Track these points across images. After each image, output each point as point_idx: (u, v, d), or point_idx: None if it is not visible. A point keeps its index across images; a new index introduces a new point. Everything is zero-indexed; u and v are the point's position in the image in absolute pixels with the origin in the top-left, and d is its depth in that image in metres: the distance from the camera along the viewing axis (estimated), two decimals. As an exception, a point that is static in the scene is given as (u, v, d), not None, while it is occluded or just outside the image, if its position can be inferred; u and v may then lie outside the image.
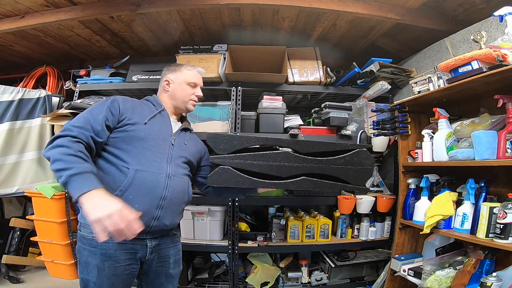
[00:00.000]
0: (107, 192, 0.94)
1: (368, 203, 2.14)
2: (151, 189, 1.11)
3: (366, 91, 2.24)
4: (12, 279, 2.20)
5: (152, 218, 1.11)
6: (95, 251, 1.07)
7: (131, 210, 0.93)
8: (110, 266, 1.07)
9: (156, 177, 1.12)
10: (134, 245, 1.11)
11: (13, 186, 2.30)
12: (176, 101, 1.31)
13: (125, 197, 1.05)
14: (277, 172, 1.25)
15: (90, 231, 1.06)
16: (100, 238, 0.89)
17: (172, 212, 1.18)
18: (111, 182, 1.07)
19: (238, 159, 1.23)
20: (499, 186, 1.46)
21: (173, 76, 1.32)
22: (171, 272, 1.25)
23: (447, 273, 1.47)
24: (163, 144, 1.18)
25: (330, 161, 1.29)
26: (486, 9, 1.68)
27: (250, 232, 2.16)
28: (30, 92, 2.39)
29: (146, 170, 1.10)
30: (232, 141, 1.24)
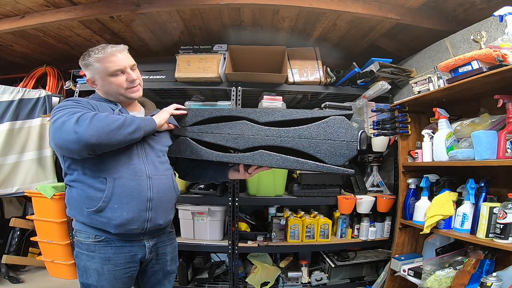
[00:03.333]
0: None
1: (368, 203, 2.14)
2: (135, 194, 1.07)
3: (366, 91, 2.24)
4: (12, 279, 2.20)
5: (144, 221, 1.09)
6: (93, 255, 1.07)
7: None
8: (110, 270, 1.07)
9: (136, 181, 1.08)
10: (132, 247, 1.11)
11: (13, 186, 2.30)
12: (114, 96, 1.16)
13: (111, 207, 1.04)
14: (233, 143, 1.15)
15: (87, 235, 1.08)
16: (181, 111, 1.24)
17: (163, 211, 1.16)
18: (93, 195, 1.05)
19: (197, 131, 1.24)
20: (499, 186, 1.46)
21: (90, 73, 1.14)
22: (168, 269, 1.25)
23: (447, 273, 1.47)
24: (134, 144, 1.11)
25: (295, 131, 1.05)
26: (486, 9, 1.68)
27: (250, 232, 2.16)
28: (30, 92, 2.39)
29: (125, 176, 1.07)
30: (194, 114, 1.26)
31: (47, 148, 2.45)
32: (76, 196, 1.08)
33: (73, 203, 1.11)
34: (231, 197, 2.10)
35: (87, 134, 0.93)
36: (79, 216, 1.09)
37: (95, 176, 1.05)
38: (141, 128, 1.07)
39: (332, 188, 2.17)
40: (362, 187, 2.28)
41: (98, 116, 0.98)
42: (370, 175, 2.44)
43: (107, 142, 0.97)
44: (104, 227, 1.06)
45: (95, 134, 0.94)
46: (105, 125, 0.96)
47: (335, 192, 2.17)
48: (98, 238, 1.07)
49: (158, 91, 2.36)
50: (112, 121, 0.99)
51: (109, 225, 1.05)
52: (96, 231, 1.08)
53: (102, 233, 1.08)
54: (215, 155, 1.20)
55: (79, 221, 1.10)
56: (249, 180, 2.15)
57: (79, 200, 1.07)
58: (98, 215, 1.05)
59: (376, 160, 2.40)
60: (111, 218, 1.04)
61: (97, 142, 0.94)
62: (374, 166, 2.43)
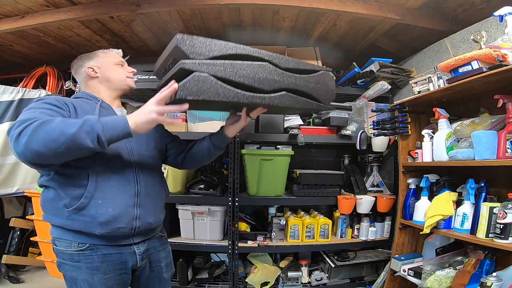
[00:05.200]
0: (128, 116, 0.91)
1: (368, 203, 2.14)
2: (121, 187, 1.00)
3: (366, 91, 2.24)
4: (12, 279, 2.20)
5: (132, 219, 1.02)
6: (79, 265, 0.99)
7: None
8: (100, 279, 1.00)
9: (123, 174, 1.01)
10: (121, 254, 1.04)
11: (13, 186, 2.30)
12: (113, 83, 1.16)
13: (94, 203, 0.96)
14: (259, 84, 1.08)
15: (68, 244, 0.99)
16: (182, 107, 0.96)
17: (152, 208, 1.10)
18: (73, 191, 0.96)
19: (219, 66, 0.99)
20: (499, 186, 1.46)
21: (94, 62, 1.16)
22: (164, 276, 1.20)
23: (447, 273, 1.47)
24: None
25: (304, 78, 1.22)
26: (486, 9, 1.68)
27: (250, 232, 2.16)
28: (30, 92, 2.39)
29: (109, 169, 0.99)
30: (210, 45, 1.01)
31: (47, 148, 2.45)
32: (53, 196, 0.98)
33: (49, 205, 1.00)
34: (231, 197, 2.10)
35: (22, 151, 0.82)
36: (57, 219, 0.99)
37: (75, 171, 0.96)
38: (101, 137, 0.84)
39: (332, 188, 2.17)
40: (362, 187, 2.28)
41: (39, 127, 0.82)
42: (370, 175, 2.45)
43: (47, 157, 0.83)
44: (87, 229, 0.96)
45: (31, 150, 0.81)
46: (42, 138, 0.81)
47: (335, 192, 2.17)
48: (81, 246, 0.98)
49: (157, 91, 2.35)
50: (51, 133, 0.81)
51: (94, 224, 0.96)
52: (78, 236, 0.98)
53: (85, 238, 0.98)
54: (247, 96, 1.05)
55: (57, 226, 1.00)
56: (249, 180, 2.15)
57: (57, 200, 0.97)
58: (80, 214, 0.95)
59: (376, 160, 2.40)
60: (95, 216, 0.95)
61: (36, 159, 0.83)
62: (374, 166, 2.44)
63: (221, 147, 1.28)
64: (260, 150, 2.11)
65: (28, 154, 0.81)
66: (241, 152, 2.11)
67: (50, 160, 0.86)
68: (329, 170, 2.30)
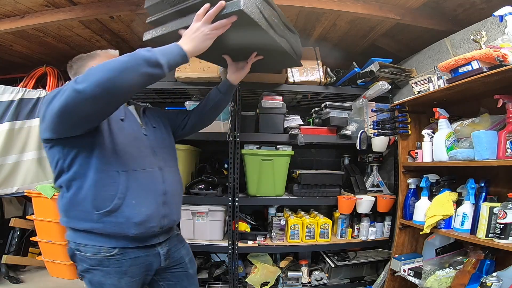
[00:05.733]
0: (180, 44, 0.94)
1: (368, 203, 2.14)
2: (151, 187, 1.02)
3: (366, 91, 2.24)
4: (12, 279, 2.20)
5: (162, 217, 1.04)
6: (108, 270, 0.97)
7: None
8: (127, 282, 1.00)
9: (150, 173, 1.04)
10: (147, 257, 1.05)
11: (13, 186, 2.30)
12: None
13: (127, 203, 0.96)
14: (274, 26, 1.22)
15: (97, 250, 0.96)
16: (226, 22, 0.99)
17: (176, 206, 1.14)
18: (104, 192, 0.95)
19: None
20: (499, 186, 1.46)
21: (96, 62, 1.10)
22: (190, 272, 1.22)
23: (447, 273, 1.47)
24: (140, 137, 1.09)
25: (291, 35, 1.40)
26: (486, 9, 1.68)
27: (250, 232, 2.16)
28: (30, 92, 2.39)
29: (138, 169, 1.00)
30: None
31: (47, 148, 2.45)
32: (80, 198, 0.95)
33: (74, 208, 0.96)
34: (231, 197, 2.10)
35: (89, 86, 0.78)
36: (83, 224, 0.96)
37: (105, 170, 0.95)
38: (158, 61, 0.86)
39: (332, 188, 2.17)
40: (362, 187, 2.28)
41: (98, 65, 0.83)
42: (370, 175, 2.45)
43: (117, 90, 0.82)
44: (121, 230, 0.96)
45: (98, 84, 0.78)
46: (108, 69, 0.81)
47: (335, 192, 2.17)
48: (111, 251, 0.97)
49: (158, 91, 2.36)
50: (116, 64, 0.82)
51: (128, 225, 0.96)
52: (107, 240, 0.97)
53: (115, 241, 0.97)
54: (274, 29, 1.20)
55: (82, 231, 0.97)
56: (249, 180, 2.15)
57: (85, 202, 0.94)
58: (113, 215, 0.94)
59: (376, 160, 2.40)
60: (130, 217, 0.96)
61: (104, 92, 0.80)
62: (374, 166, 2.44)
63: (228, 94, 1.37)
64: (260, 150, 2.12)
65: (88, 88, 0.78)
66: (241, 152, 2.11)
67: (110, 97, 0.83)
68: (329, 170, 2.30)
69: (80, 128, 0.90)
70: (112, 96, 0.83)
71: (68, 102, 0.80)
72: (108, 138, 0.98)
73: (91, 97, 0.79)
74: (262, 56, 1.38)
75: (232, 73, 1.35)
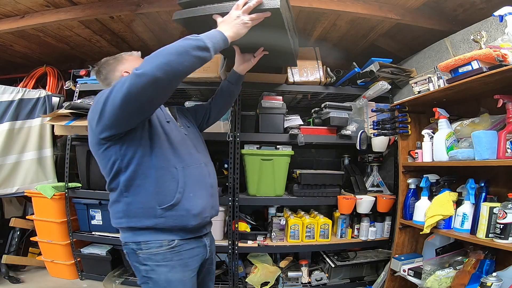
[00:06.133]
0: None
1: (368, 203, 2.14)
2: (202, 180, 1.10)
3: (366, 91, 2.24)
4: (12, 279, 2.20)
5: (211, 208, 1.12)
6: (173, 264, 1.00)
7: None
8: (189, 276, 1.03)
9: (200, 168, 1.12)
10: (199, 248, 1.10)
11: (13, 186, 2.30)
12: None
13: (186, 197, 1.03)
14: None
15: (159, 244, 1.00)
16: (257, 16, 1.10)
17: (217, 197, 1.20)
18: (166, 188, 1.00)
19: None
20: (499, 186, 1.46)
21: (126, 66, 1.17)
22: (213, 268, 1.25)
23: (447, 273, 1.47)
24: (184, 136, 1.16)
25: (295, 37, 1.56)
26: (486, 9, 1.68)
27: (250, 232, 2.16)
28: (30, 92, 2.40)
29: (190, 165, 1.08)
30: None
31: (47, 148, 2.45)
32: (142, 196, 1.00)
33: (137, 206, 1.00)
34: (231, 197, 2.10)
35: (151, 69, 0.86)
36: (146, 221, 1.00)
37: (164, 167, 1.01)
38: (206, 45, 0.95)
39: (332, 188, 2.17)
40: (362, 187, 2.28)
41: (155, 52, 0.91)
42: (370, 175, 2.44)
43: (175, 72, 0.90)
44: (181, 223, 1.01)
45: (158, 67, 0.86)
46: (165, 54, 0.89)
47: (335, 192, 2.17)
48: (171, 243, 1.01)
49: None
50: (172, 49, 0.91)
51: (188, 217, 1.02)
52: (166, 234, 1.01)
53: (173, 234, 1.02)
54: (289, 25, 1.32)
55: (145, 229, 1.00)
56: (249, 180, 2.15)
57: (148, 199, 0.99)
58: (175, 209, 1.00)
59: (376, 160, 2.40)
60: (189, 209, 1.02)
61: (164, 74, 0.87)
62: (374, 166, 2.44)
63: (238, 84, 1.50)
64: (260, 150, 2.12)
65: (150, 71, 0.85)
66: (241, 152, 2.11)
67: (169, 79, 0.90)
68: (329, 170, 2.30)
69: (140, 116, 0.96)
70: (170, 79, 0.90)
71: (131, 89, 0.86)
72: (164, 138, 1.06)
73: (152, 78, 0.85)
74: (268, 52, 1.48)
75: (239, 65, 1.46)
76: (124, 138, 0.99)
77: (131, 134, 0.99)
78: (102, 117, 0.92)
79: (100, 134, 0.97)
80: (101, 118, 0.93)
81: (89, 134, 1.03)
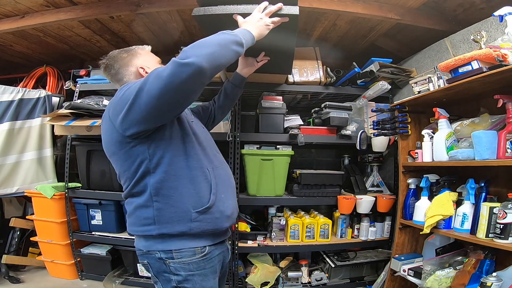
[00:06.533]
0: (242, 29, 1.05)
1: (368, 203, 2.14)
2: (228, 181, 1.09)
3: (366, 91, 2.24)
4: (12, 279, 2.20)
5: (236, 209, 1.10)
6: (205, 272, 0.96)
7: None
8: (216, 282, 1.01)
9: (224, 169, 1.10)
10: (223, 252, 1.08)
11: (13, 186, 2.30)
12: None
13: (219, 198, 0.99)
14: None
15: (192, 252, 0.94)
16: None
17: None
18: (201, 190, 0.96)
19: None
20: (499, 186, 1.46)
21: (141, 61, 1.11)
22: (227, 270, 1.23)
23: (447, 273, 1.47)
24: (206, 136, 1.14)
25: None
26: (486, 9, 1.68)
27: (250, 232, 2.16)
28: (30, 92, 2.40)
29: (217, 166, 1.06)
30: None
31: (47, 148, 2.45)
32: (176, 200, 0.93)
33: (169, 211, 0.93)
34: (231, 197, 2.09)
35: (197, 58, 0.82)
36: (179, 226, 0.93)
37: (197, 168, 0.97)
38: (241, 41, 0.96)
39: (332, 188, 2.17)
40: (362, 187, 2.28)
41: (200, 41, 0.89)
42: (370, 175, 2.44)
43: (217, 64, 0.89)
44: (215, 226, 0.97)
45: (205, 57, 0.83)
46: (211, 44, 0.88)
47: (335, 192, 2.17)
48: (203, 251, 0.96)
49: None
50: (216, 40, 0.91)
51: (222, 219, 0.99)
52: (198, 241, 0.95)
53: (203, 241, 0.97)
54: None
55: (177, 235, 0.93)
56: (249, 180, 2.15)
57: (181, 203, 0.93)
58: (209, 212, 0.96)
59: (376, 160, 2.40)
60: (223, 211, 0.99)
61: (209, 65, 0.84)
62: (374, 166, 2.43)
63: (241, 86, 1.47)
64: (260, 150, 2.12)
65: (197, 61, 0.82)
66: (241, 152, 2.11)
67: (212, 70, 0.88)
68: (329, 170, 2.30)
69: (176, 110, 0.92)
70: (212, 71, 0.88)
71: (174, 79, 0.81)
72: (193, 137, 1.02)
73: (198, 68, 0.82)
74: (270, 57, 1.50)
75: (242, 68, 1.47)
76: (153, 136, 0.92)
77: (160, 132, 0.93)
78: (132, 111, 0.86)
79: (126, 131, 0.89)
80: (130, 112, 0.86)
81: (106, 132, 0.96)
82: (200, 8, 1.28)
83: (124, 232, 2.28)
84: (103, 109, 2.06)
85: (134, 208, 0.97)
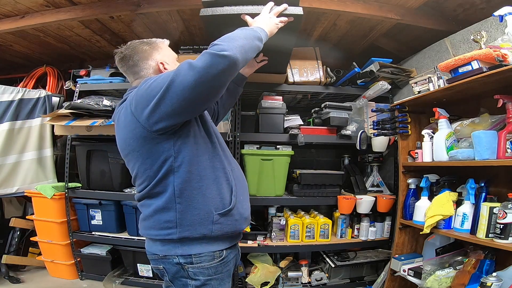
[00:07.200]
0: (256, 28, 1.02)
1: (368, 203, 2.14)
2: (244, 182, 1.07)
3: (366, 91, 2.24)
4: (12, 279, 2.20)
5: (250, 211, 1.08)
6: (222, 276, 0.95)
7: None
8: (230, 286, 1.00)
9: (240, 171, 1.08)
10: (237, 254, 1.07)
11: (13, 186, 2.30)
12: None
13: (239, 200, 0.98)
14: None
15: (211, 256, 0.92)
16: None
17: None
18: (223, 191, 0.94)
19: None
20: (499, 186, 1.46)
21: (161, 56, 1.07)
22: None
23: (447, 273, 1.47)
24: (221, 137, 1.11)
25: None
26: (486, 9, 1.68)
27: (250, 232, 2.16)
28: (30, 92, 2.40)
29: (234, 167, 1.04)
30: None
31: (47, 148, 2.45)
32: (199, 201, 0.90)
33: (192, 213, 0.89)
34: (231, 197, 2.09)
35: (232, 51, 0.82)
36: (202, 228, 0.90)
37: (219, 168, 0.95)
38: (261, 36, 1.00)
39: (332, 188, 2.17)
40: (362, 187, 2.28)
41: (232, 34, 0.91)
42: (370, 175, 2.44)
43: (247, 57, 0.90)
44: (234, 228, 0.95)
45: (238, 50, 0.84)
46: (243, 37, 0.90)
47: (335, 192, 2.17)
48: (221, 255, 0.94)
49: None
50: (241, 34, 0.92)
51: (241, 221, 0.97)
52: (218, 244, 0.93)
53: (221, 244, 0.95)
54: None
55: (197, 238, 0.90)
56: (249, 180, 2.15)
57: (204, 205, 0.90)
58: (230, 214, 0.93)
59: (376, 160, 2.40)
60: (242, 213, 0.98)
61: (242, 57, 0.85)
62: (374, 166, 2.43)
63: (241, 84, 1.48)
64: (260, 150, 2.12)
65: (233, 53, 0.83)
66: (241, 152, 2.11)
67: (243, 63, 0.89)
68: (329, 170, 2.30)
69: (206, 104, 0.90)
70: (242, 64, 0.88)
71: (210, 70, 0.79)
72: (215, 137, 1.00)
73: (234, 61, 0.82)
74: (268, 58, 1.53)
75: (244, 67, 1.45)
76: (179, 132, 0.88)
77: (186, 128, 0.89)
78: (162, 103, 0.82)
79: (153, 126, 0.85)
80: (160, 105, 0.82)
81: (126, 128, 0.91)
82: (208, 9, 1.29)
83: (124, 232, 2.28)
84: (103, 109, 2.06)
85: (154, 211, 0.92)
